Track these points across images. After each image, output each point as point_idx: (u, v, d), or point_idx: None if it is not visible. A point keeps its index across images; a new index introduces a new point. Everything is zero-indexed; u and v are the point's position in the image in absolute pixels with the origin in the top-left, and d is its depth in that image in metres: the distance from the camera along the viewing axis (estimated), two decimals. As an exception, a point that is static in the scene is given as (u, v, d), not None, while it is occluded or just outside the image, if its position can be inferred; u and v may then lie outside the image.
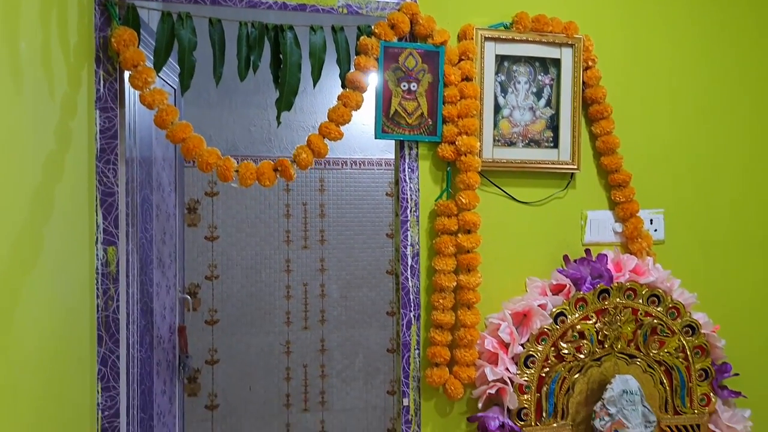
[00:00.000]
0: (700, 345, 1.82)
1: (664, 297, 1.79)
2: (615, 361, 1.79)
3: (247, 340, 3.86)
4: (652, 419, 1.73)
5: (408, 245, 1.72)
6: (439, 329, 1.70)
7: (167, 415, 1.98)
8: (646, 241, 1.84)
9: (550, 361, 1.74)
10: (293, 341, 3.93)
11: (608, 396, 1.71)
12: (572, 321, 1.74)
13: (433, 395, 1.74)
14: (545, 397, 1.73)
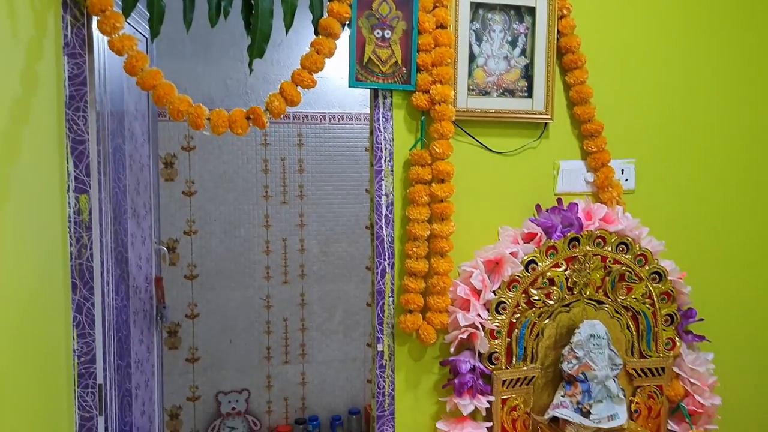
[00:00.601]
0: (666, 291, 1.87)
1: (632, 245, 1.83)
2: (583, 306, 1.83)
3: (227, 295, 3.88)
4: (618, 362, 1.78)
5: (382, 195, 1.73)
6: (413, 277, 1.72)
7: (145, 363, 2.00)
8: (617, 190, 1.88)
9: (521, 307, 1.78)
10: (273, 295, 3.97)
11: (576, 340, 1.76)
12: (543, 268, 1.78)
13: (407, 341, 1.78)
14: (515, 341, 1.78)
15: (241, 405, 3.81)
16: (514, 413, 1.78)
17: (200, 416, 3.81)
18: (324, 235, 4.04)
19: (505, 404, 1.77)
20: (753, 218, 2.08)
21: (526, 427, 1.80)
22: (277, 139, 3.98)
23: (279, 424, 3.90)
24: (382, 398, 1.75)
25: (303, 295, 4.02)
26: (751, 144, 2.06)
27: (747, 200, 2.07)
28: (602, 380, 1.74)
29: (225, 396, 3.80)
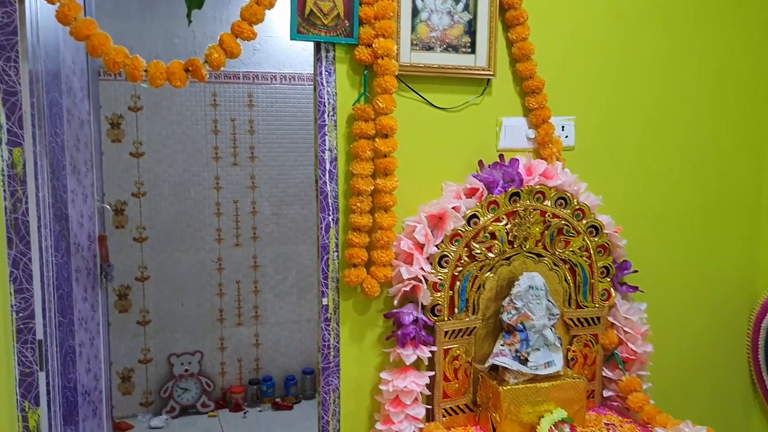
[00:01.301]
0: (602, 244, 1.94)
1: (571, 199, 1.88)
2: (523, 260, 1.89)
3: (178, 257, 3.85)
4: (555, 312, 1.85)
5: (326, 150, 1.74)
6: (357, 232, 1.74)
7: (90, 321, 1.99)
8: (557, 146, 1.92)
9: (463, 260, 1.82)
10: (225, 258, 3.95)
11: (515, 291, 1.82)
12: (484, 223, 1.82)
13: (351, 295, 1.80)
14: (458, 294, 1.83)
15: (194, 367, 3.82)
16: (456, 362, 1.83)
17: (153, 378, 3.81)
18: (276, 198, 4.03)
19: (447, 354, 1.82)
20: (686, 175, 2.16)
21: (467, 375, 1.86)
22: (226, 100, 3.92)
23: (233, 385, 3.92)
24: (327, 351, 1.79)
25: (255, 258, 4.02)
26: (688, 104, 2.13)
27: (681, 157, 2.14)
28: (540, 329, 1.80)
29: (177, 358, 3.80)
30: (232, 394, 3.86)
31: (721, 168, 2.20)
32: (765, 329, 2.17)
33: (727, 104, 2.18)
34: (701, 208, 2.19)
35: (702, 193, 2.18)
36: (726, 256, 2.24)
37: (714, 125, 2.17)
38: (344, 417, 1.81)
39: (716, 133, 2.18)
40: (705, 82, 2.14)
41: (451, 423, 1.84)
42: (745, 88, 2.20)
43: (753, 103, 2.22)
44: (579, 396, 1.82)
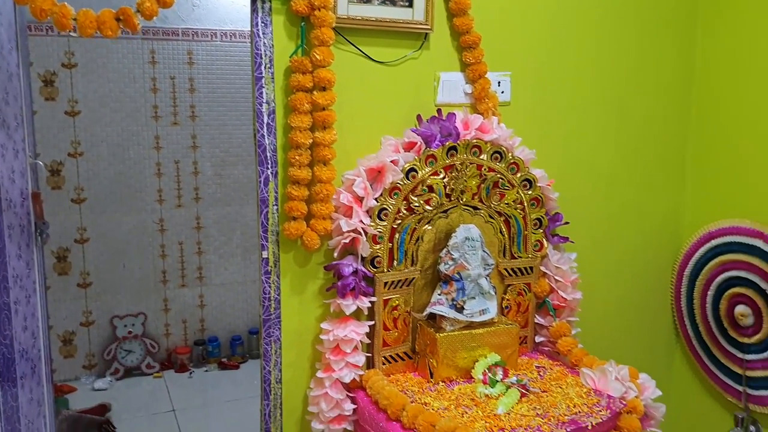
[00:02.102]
0: (536, 197, 2.01)
1: (506, 153, 1.94)
2: (460, 212, 1.94)
3: (118, 219, 3.78)
4: (490, 262, 1.91)
5: (263, 103, 1.73)
6: (296, 185, 1.76)
7: (25, 279, 1.95)
8: (493, 101, 1.96)
9: (402, 213, 1.86)
10: (167, 219, 3.90)
11: (452, 243, 1.87)
12: (422, 176, 1.86)
13: (292, 248, 1.83)
14: (396, 245, 1.87)
15: (137, 328, 3.79)
16: (395, 312, 1.89)
17: (95, 341, 3.76)
18: (218, 158, 3.98)
19: (386, 304, 1.87)
20: (615, 130, 2.24)
21: (406, 324, 1.92)
22: (165, 57, 3.82)
23: (178, 346, 3.91)
24: (268, 303, 1.81)
25: (198, 219, 3.98)
26: (618, 61, 2.20)
27: (611, 113, 2.22)
28: (475, 279, 1.87)
29: (120, 320, 3.76)
30: (178, 354, 3.86)
31: (648, 124, 2.29)
32: (687, 278, 2.30)
33: (654, 60, 2.26)
34: (629, 163, 2.28)
35: (630, 148, 2.28)
36: (652, 208, 2.35)
37: (642, 82, 2.25)
38: (286, 366, 1.84)
39: (644, 90, 2.27)
40: (635, 39, 2.22)
41: (391, 370, 1.90)
42: (671, 43, 2.28)
43: (678, 59, 2.30)
44: (512, 341, 1.91)
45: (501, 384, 1.77)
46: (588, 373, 1.81)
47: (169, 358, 3.90)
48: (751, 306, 2.07)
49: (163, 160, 3.88)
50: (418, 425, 1.56)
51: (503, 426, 1.60)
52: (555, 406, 1.70)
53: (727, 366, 2.20)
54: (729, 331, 2.17)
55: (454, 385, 1.82)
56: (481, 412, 1.67)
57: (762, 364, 2.07)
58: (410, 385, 1.82)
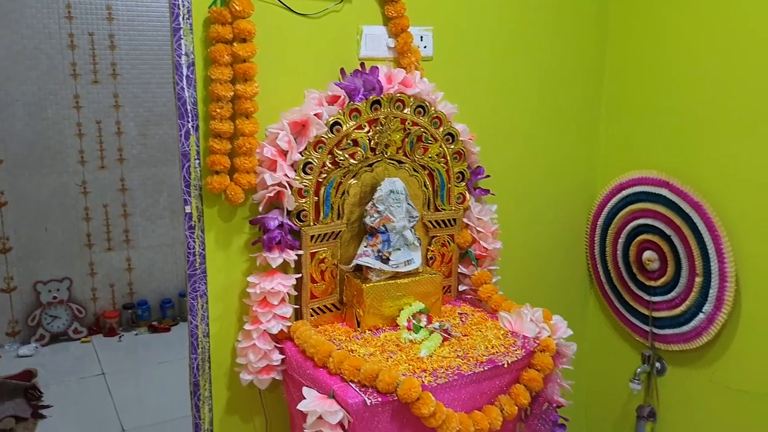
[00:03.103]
0: (458, 151, 2.06)
1: (428, 108, 1.98)
2: (385, 166, 1.97)
3: (38, 181, 3.65)
4: (415, 215, 1.96)
5: (182, 54, 1.70)
6: (218, 138, 1.75)
7: (-66, 240, 1.87)
8: (415, 56, 1.99)
9: (327, 167, 1.88)
10: (90, 181, 3.78)
11: (377, 196, 1.91)
12: (347, 130, 1.87)
13: (216, 202, 1.82)
14: (322, 199, 1.89)
15: (62, 293, 3.70)
16: (323, 265, 1.92)
17: (18, 307, 3.65)
18: (143, 117, 3.87)
19: (313, 257, 1.90)
20: (533, 86, 2.31)
21: (334, 276, 1.95)
22: (82, 12, 3.65)
23: (106, 311, 3.85)
24: (193, 258, 1.81)
25: (123, 180, 3.88)
26: (537, 18, 2.26)
27: (529, 69, 2.29)
28: (400, 231, 1.92)
29: (44, 285, 3.66)
30: (106, 319, 3.79)
31: (565, 79, 2.37)
32: (600, 227, 2.43)
33: (571, 15, 2.33)
34: (547, 117, 2.37)
35: (548, 102, 2.36)
36: (568, 161, 2.45)
37: (559, 36, 2.32)
38: (213, 320, 1.86)
39: (561, 45, 2.34)
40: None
41: (319, 321, 1.94)
42: (586, 2, 2.36)
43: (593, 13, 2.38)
44: (435, 289, 1.98)
45: (424, 330, 1.84)
46: (505, 317, 1.91)
47: (97, 322, 3.83)
48: (657, 251, 2.21)
49: (84, 120, 3.75)
50: (344, 370, 1.61)
51: (425, 367, 1.67)
52: (474, 348, 1.78)
53: (635, 308, 2.35)
54: (637, 276, 2.31)
55: (380, 332, 1.87)
56: (404, 356, 1.73)
57: (666, 305, 2.22)
58: (337, 335, 1.87)
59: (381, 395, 1.55)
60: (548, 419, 1.88)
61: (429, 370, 1.66)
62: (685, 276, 2.13)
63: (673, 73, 2.20)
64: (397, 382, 1.55)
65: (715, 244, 2.03)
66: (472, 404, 1.70)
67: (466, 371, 1.68)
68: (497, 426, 1.69)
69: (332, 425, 1.51)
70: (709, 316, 2.08)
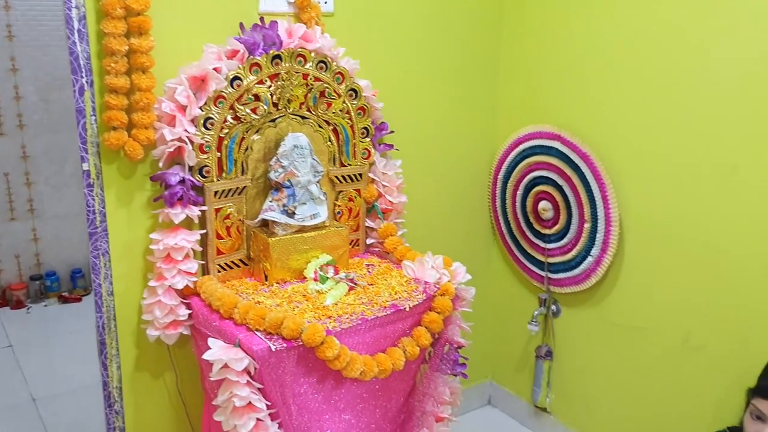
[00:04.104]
0: (362, 107, 2.10)
1: (330, 63, 2.00)
2: (289, 121, 1.99)
3: (-72, 149, 3.45)
4: (320, 169, 2.00)
5: (72, 7, 1.66)
6: (114, 94, 1.72)
7: None
8: (315, 11, 2.00)
9: (229, 122, 1.88)
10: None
11: (281, 151, 1.93)
12: (248, 85, 1.88)
13: (115, 159, 1.80)
14: (225, 155, 1.90)
15: (-38, 266, 3.54)
16: (228, 221, 1.93)
17: None
18: (43, 81, 3.70)
19: (218, 213, 1.91)
20: (435, 40, 2.37)
21: (240, 232, 1.97)
22: (-31, -32, 3.43)
23: (12, 283, 3.70)
24: (93, 216, 1.79)
25: (24, 148, 3.71)
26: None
27: (431, 24, 2.34)
28: (305, 185, 1.95)
29: (-59, 259, 3.49)
30: (13, 291, 3.66)
31: (465, 38, 2.45)
32: (501, 180, 2.54)
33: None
34: (449, 74, 2.44)
35: (449, 60, 2.42)
36: (470, 117, 2.54)
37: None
38: (117, 279, 1.85)
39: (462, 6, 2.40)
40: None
41: (227, 277, 1.96)
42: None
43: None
44: (342, 242, 2.03)
45: (331, 280, 1.90)
46: (408, 265, 1.99)
47: (3, 295, 3.69)
48: (551, 201, 2.34)
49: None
50: (249, 320, 1.64)
51: (330, 314, 1.73)
52: (379, 295, 1.85)
53: (533, 255, 2.49)
54: (534, 225, 2.44)
55: (288, 285, 1.91)
56: (311, 305, 1.78)
57: (559, 251, 2.37)
58: (245, 289, 1.90)
59: (286, 341, 1.60)
60: (449, 359, 1.99)
61: (334, 317, 1.72)
62: (576, 223, 2.28)
63: (565, 33, 2.31)
64: (302, 328, 1.60)
65: (601, 192, 2.17)
66: (376, 347, 1.78)
67: (369, 316, 1.75)
68: (400, 366, 1.77)
69: (238, 372, 1.55)
70: (596, 258, 2.24)
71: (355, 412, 1.80)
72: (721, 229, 1.92)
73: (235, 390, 1.54)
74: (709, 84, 1.90)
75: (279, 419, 1.63)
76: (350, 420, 1.79)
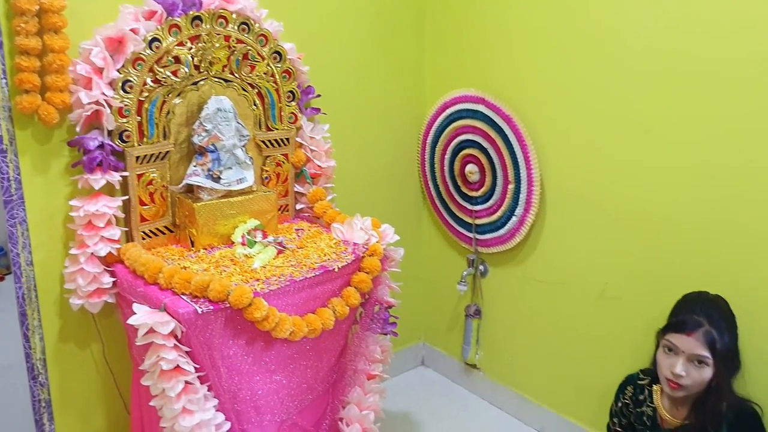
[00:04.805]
0: (287, 70, 2.09)
1: (252, 25, 1.97)
2: (211, 84, 1.96)
3: None
4: (245, 133, 1.98)
5: (-26, -38, 1.58)
6: (25, 55, 1.65)
7: None
8: (244, -28, 1.97)
9: (149, 85, 1.84)
10: None
11: (204, 114, 1.90)
12: (167, 46, 1.84)
13: (29, 124, 1.73)
14: (146, 119, 1.85)
15: None
16: (151, 187, 1.90)
17: None
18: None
19: (140, 179, 1.87)
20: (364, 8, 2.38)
21: (164, 198, 1.94)
22: None
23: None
24: (8, 183, 1.72)
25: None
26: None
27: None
28: (230, 149, 1.93)
29: None
30: (-74, 271, 3.48)
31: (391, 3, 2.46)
32: (429, 145, 2.58)
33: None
34: (376, 40, 2.45)
35: (376, 25, 2.43)
36: (397, 82, 2.56)
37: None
38: (36, 248, 1.79)
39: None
40: None
41: (152, 244, 1.93)
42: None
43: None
44: (270, 207, 2.02)
45: (259, 244, 1.90)
46: (337, 227, 2.01)
47: None
48: (477, 164, 2.40)
49: None
50: (174, 284, 1.63)
51: (258, 277, 1.74)
52: (308, 258, 1.86)
53: (461, 218, 2.55)
54: (462, 188, 2.50)
55: (215, 251, 1.91)
56: (239, 269, 1.78)
57: (486, 212, 2.43)
58: (171, 255, 1.88)
59: (213, 304, 1.60)
60: (380, 318, 2.03)
61: (262, 279, 1.73)
62: (500, 184, 2.34)
63: None
64: (229, 290, 1.60)
65: (523, 154, 2.24)
66: (306, 308, 1.80)
67: (298, 278, 1.76)
68: (330, 326, 1.80)
69: (164, 336, 1.54)
70: (520, 218, 2.31)
71: (287, 372, 1.82)
72: (635, 187, 2.02)
73: (162, 354, 1.54)
74: (625, 49, 1.97)
75: (209, 382, 1.64)
76: (281, 381, 1.81)
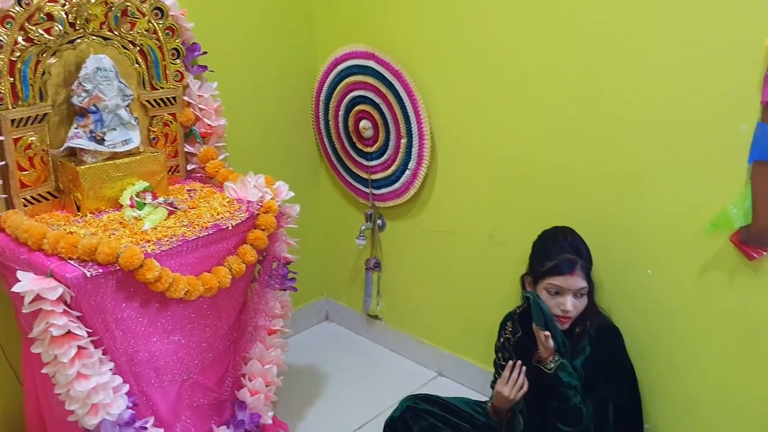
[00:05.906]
0: (170, 26, 2.03)
1: (130, -20, 1.90)
2: (90, 43, 1.88)
3: None
4: (128, 93, 1.92)
5: None
6: None
7: None
8: None
9: (20, 45, 1.74)
10: None
11: (83, 74, 1.83)
12: (38, 3, 1.74)
13: None
14: (20, 80, 1.76)
15: None
16: (30, 151, 1.82)
17: None
18: None
19: (17, 143, 1.79)
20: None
21: (45, 163, 1.87)
22: None
23: None
24: None
25: None
26: None
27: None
28: (113, 110, 1.87)
29: None
30: None
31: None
32: (323, 102, 2.59)
33: None
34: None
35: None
36: (288, 38, 2.55)
37: None
38: None
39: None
40: None
41: (35, 211, 1.86)
42: None
43: None
44: (159, 168, 1.99)
45: (149, 205, 1.87)
46: (230, 186, 2.00)
47: None
48: (371, 120, 2.44)
49: None
50: (60, 249, 1.59)
51: (149, 238, 1.72)
52: (201, 217, 1.86)
53: (357, 174, 2.59)
54: (357, 144, 2.54)
55: (103, 215, 1.86)
56: (128, 231, 1.75)
57: (381, 167, 2.49)
58: (56, 221, 1.82)
59: (102, 267, 1.57)
60: (278, 275, 2.06)
61: (153, 240, 1.71)
62: (393, 139, 2.40)
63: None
64: (118, 253, 1.58)
65: (413, 108, 2.30)
66: (201, 268, 1.80)
67: (191, 237, 1.76)
68: (226, 284, 1.81)
69: (53, 301, 1.50)
70: (413, 172, 2.38)
71: (185, 332, 1.82)
72: (516, 137, 2.13)
73: (52, 320, 1.50)
74: (504, 5, 2.05)
75: (103, 345, 1.62)
76: (180, 341, 1.82)
